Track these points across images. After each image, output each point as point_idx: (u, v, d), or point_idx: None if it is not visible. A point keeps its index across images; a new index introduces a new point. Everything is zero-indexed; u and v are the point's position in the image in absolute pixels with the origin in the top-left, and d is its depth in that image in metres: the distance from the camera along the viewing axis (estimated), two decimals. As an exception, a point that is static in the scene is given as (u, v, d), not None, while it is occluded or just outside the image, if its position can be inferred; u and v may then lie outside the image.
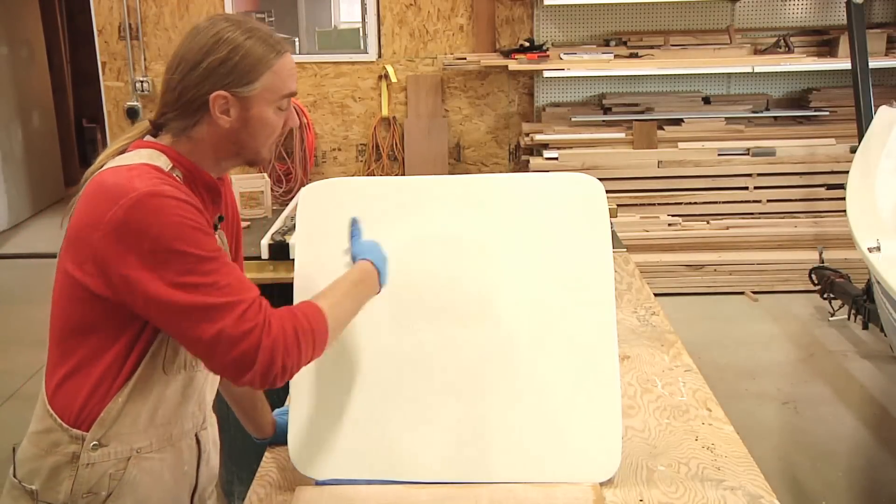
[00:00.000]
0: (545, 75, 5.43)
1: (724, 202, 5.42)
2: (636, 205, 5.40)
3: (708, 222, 5.38)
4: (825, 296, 4.61)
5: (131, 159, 1.39)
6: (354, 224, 1.68)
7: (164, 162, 1.40)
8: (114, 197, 1.31)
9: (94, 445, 1.41)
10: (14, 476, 1.47)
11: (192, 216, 1.32)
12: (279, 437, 1.73)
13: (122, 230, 1.30)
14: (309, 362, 1.39)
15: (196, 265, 1.30)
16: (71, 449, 1.42)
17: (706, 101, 5.74)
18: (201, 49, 1.40)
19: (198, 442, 1.58)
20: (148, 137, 1.46)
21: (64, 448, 1.42)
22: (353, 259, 1.60)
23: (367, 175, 5.97)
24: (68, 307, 1.40)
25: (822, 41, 5.63)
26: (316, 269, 1.70)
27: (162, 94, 1.45)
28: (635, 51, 5.58)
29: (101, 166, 1.40)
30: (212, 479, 1.66)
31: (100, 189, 1.34)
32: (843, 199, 3.54)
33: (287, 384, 1.69)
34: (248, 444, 1.80)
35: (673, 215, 5.39)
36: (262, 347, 1.30)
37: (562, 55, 5.50)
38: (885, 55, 5.45)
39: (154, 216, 1.29)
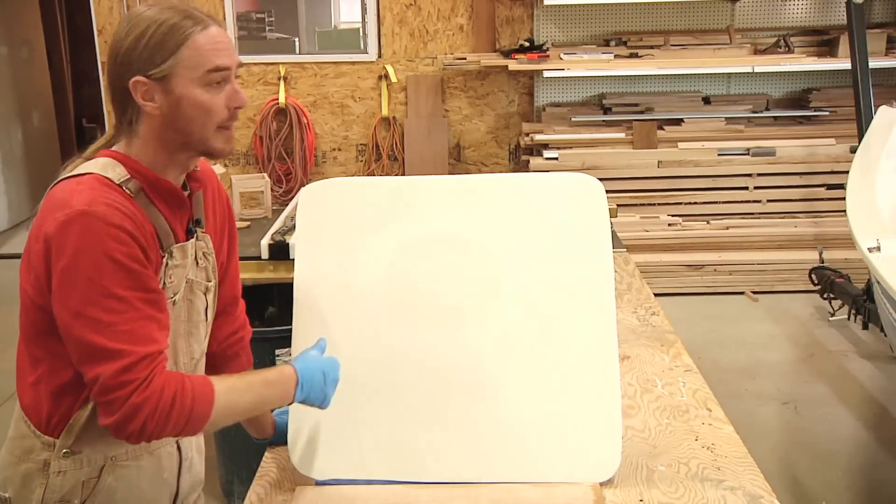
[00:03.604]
0: (545, 75, 5.43)
1: (724, 202, 5.42)
2: (636, 205, 5.40)
3: (708, 222, 5.38)
4: (825, 296, 4.60)
5: (86, 168, 1.36)
6: (320, 341, 1.59)
7: (118, 173, 1.35)
8: (53, 210, 1.30)
9: (64, 453, 1.39)
10: None
11: (118, 246, 1.27)
12: (279, 437, 1.73)
13: (50, 243, 1.28)
14: (177, 435, 1.34)
15: (100, 299, 1.26)
16: (43, 456, 1.40)
17: (706, 101, 5.75)
18: (118, 37, 1.36)
19: (179, 449, 1.56)
20: (116, 147, 1.42)
21: (36, 455, 1.40)
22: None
23: (367, 175, 5.97)
24: (29, 314, 1.39)
25: (822, 41, 5.63)
26: (316, 269, 1.70)
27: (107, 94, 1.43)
28: (635, 51, 5.58)
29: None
30: (195, 487, 1.64)
31: (48, 201, 1.33)
32: (843, 199, 3.54)
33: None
34: (248, 444, 1.80)
35: (673, 215, 5.39)
36: (129, 403, 1.26)
37: (562, 55, 5.50)
38: (885, 55, 5.45)
39: (77, 236, 1.26)
